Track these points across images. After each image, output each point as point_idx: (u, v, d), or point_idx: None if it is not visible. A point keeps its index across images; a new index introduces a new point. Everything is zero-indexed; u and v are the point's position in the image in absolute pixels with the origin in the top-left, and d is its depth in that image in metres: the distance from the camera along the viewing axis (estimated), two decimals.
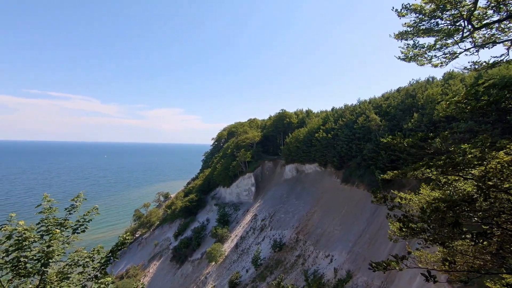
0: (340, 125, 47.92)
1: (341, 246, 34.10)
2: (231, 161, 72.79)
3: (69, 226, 7.70)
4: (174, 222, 73.78)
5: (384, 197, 7.31)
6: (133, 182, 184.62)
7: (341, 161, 45.87)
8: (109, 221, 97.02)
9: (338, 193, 43.10)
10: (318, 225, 40.89)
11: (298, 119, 72.07)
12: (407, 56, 8.68)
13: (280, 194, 55.98)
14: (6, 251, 6.52)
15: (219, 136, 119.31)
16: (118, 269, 65.80)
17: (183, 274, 52.44)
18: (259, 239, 47.21)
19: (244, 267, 43.44)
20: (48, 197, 7.71)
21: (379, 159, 36.37)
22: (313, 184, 51.38)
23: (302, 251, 38.59)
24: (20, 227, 6.69)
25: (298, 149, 56.74)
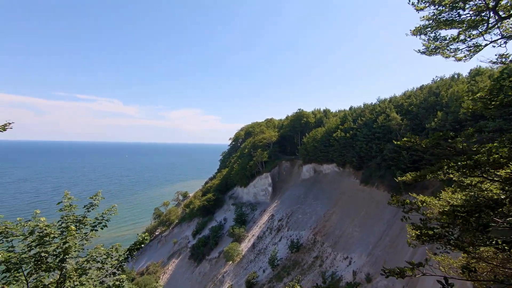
0: (359, 124, 46.72)
1: (361, 249, 33.19)
2: (248, 161, 72.99)
3: (87, 223, 7.94)
4: (192, 221, 75.07)
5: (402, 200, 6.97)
6: (153, 181, 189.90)
7: (360, 161, 44.70)
8: (131, 219, 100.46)
9: (357, 194, 42.02)
10: (337, 227, 40.07)
11: (316, 118, 71.07)
12: (428, 49, 8.14)
13: (297, 195, 55.42)
14: (29, 245, 6.82)
15: (236, 136, 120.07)
16: (139, 265, 67.88)
17: (201, 272, 53.20)
18: (276, 240, 46.98)
19: (261, 267, 43.38)
20: (68, 194, 8.02)
21: (401, 159, 35.07)
22: (331, 184, 50.43)
23: (320, 252, 37.97)
24: (41, 223, 6.98)
25: (316, 149, 55.92)
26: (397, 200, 7.19)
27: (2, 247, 6.93)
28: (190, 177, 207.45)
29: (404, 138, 7.95)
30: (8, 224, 6.93)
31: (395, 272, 5.98)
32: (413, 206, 7.04)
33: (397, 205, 7.20)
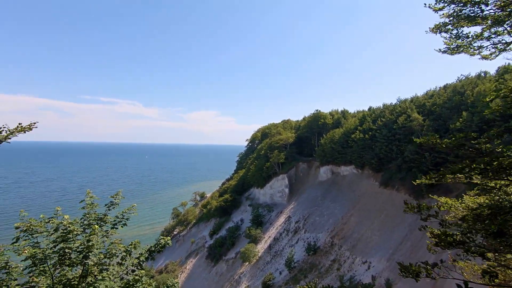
0: (379, 125, 45.54)
1: (380, 253, 32.28)
2: (265, 162, 73.00)
3: (108, 221, 8.27)
4: (210, 221, 76.03)
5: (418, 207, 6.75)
6: (172, 181, 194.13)
7: (380, 163, 43.53)
8: (151, 219, 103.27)
9: (377, 197, 40.94)
10: (355, 230, 39.20)
11: (333, 119, 69.97)
12: (450, 48, 7.75)
13: (314, 196, 54.76)
14: (54, 241, 7.22)
15: (253, 137, 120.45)
16: (157, 264, 69.56)
17: (218, 272, 53.73)
18: (293, 242, 46.63)
19: (277, 269, 43.21)
20: (90, 193, 8.40)
21: (423, 161, 33.82)
22: (349, 186, 49.44)
23: (338, 255, 37.28)
24: (65, 221, 7.37)
25: (333, 151, 55.04)
26: (413, 207, 6.96)
27: (28, 243, 7.39)
28: (207, 178, 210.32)
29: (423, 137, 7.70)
30: (32, 221, 7.31)
31: (411, 271, 5.81)
32: (431, 212, 6.80)
33: (413, 212, 6.97)
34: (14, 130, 6.58)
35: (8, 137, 6.56)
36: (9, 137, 6.58)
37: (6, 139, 6.57)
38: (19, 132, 6.71)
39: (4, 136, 6.48)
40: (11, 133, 6.57)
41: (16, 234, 7.16)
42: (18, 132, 6.70)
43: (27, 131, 6.85)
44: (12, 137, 6.70)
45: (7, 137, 6.55)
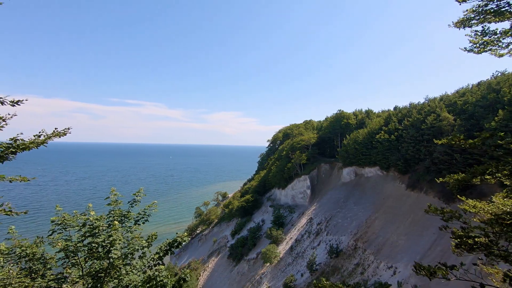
0: (405, 125, 43.84)
1: (407, 258, 31.02)
2: (286, 163, 72.67)
3: (131, 218, 8.73)
4: (231, 221, 76.90)
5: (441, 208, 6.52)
6: (195, 181, 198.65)
7: (407, 164, 41.84)
8: (176, 217, 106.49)
9: (403, 200, 39.39)
10: (380, 233, 37.95)
11: (357, 119, 68.24)
12: (476, 45, 7.30)
13: (337, 198, 53.68)
14: (83, 236, 7.76)
15: (274, 138, 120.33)
16: (181, 261, 71.51)
17: (239, 272, 54.22)
18: (315, 244, 46.01)
19: (299, 270, 42.84)
20: (114, 191, 8.92)
21: (453, 163, 32.10)
22: (373, 188, 47.95)
23: (361, 259, 36.28)
24: (91, 217, 7.92)
25: (357, 152, 53.65)
26: (436, 209, 6.73)
27: (61, 237, 8.00)
28: (229, 178, 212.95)
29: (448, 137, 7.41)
30: (66, 216, 7.93)
31: (426, 269, 5.64)
32: (454, 213, 6.53)
33: (435, 213, 6.74)
34: (51, 135, 7.11)
35: (45, 141, 7.06)
36: (46, 141, 7.07)
37: (44, 143, 7.07)
38: (55, 136, 7.23)
39: (42, 140, 6.97)
40: (48, 138, 7.08)
41: (51, 227, 7.77)
42: (54, 137, 7.22)
43: (61, 136, 7.39)
44: (49, 141, 7.21)
45: (44, 141, 7.04)
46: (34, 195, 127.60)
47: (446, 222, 6.64)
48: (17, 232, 8.37)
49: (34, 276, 7.62)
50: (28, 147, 6.60)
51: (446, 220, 6.63)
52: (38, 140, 6.80)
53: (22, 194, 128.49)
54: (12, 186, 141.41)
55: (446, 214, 6.67)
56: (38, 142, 6.78)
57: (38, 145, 6.86)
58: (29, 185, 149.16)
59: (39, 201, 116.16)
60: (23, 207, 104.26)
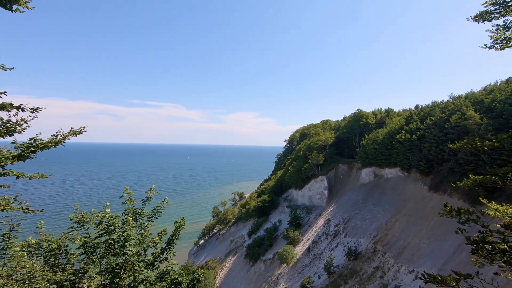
0: (428, 124, 42.20)
1: (430, 263, 29.84)
2: (303, 163, 72.02)
3: (145, 215, 9.00)
4: (248, 221, 77.20)
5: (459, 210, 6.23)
6: (213, 181, 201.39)
7: (429, 165, 40.25)
8: (195, 216, 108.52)
9: (425, 202, 37.92)
10: (400, 236, 36.76)
11: (376, 119, 66.46)
12: (497, 41, 6.79)
13: (355, 199, 52.55)
14: (99, 233, 8.04)
15: (291, 138, 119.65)
16: (199, 260, 72.65)
17: (256, 272, 54.35)
18: (332, 245, 45.29)
19: (316, 272, 42.34)
20: (128, 189, 9.24)
21: (480, 164, 30.51)
22: (394, 190, 46.52)
23: (381, 263, 35.30)
24: (107, 215, 8.22)
25: (376, 152, 52.26)
26: (452, 210, 6.44)
27: (79, 233, 8.35)
28: (245, 178, 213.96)
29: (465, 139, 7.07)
30: (84, 214, 8.28)
31: (436, 279, 5.41)
32: (471, 216, 6.22)
33: (451, 216, 6.45)
34: (68, 134, 7.42)
35: (63, 141, 7.36)
36: (64, 140, 7.38)
37: (61, 142, 7.37)
38: (72, 135, 7.54)
39: (60, 140, 7.27)
40: (65, 137, 7.39)
41: (70, 225, 8.16)
42: (71, 136, 7.52)
43: (78, 135, 7.69)
44: (66, 140, 7.51)
45: (62, 140, 7.33)
46: (61, 193, 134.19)
47: (462, 225, 6.35)
48: (45, 227, 8.88)
49: (56, 270, 8.05)
50: (46, 146, 6.91)
51: (462, 223, 6.34)
52: (56, 140, 7.11)
53: (50, 192, 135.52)
54: (41, 184, 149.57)
55: (463, 216, 6.37)
56: (55, 142, 7.10)
57: (56, 144, 7.16)
58: (57, 184, 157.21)
59: (66, 199, 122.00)
60: (52, 204, 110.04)
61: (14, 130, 6.46)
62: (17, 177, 6.41)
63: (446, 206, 6.73)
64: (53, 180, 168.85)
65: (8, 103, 6.21)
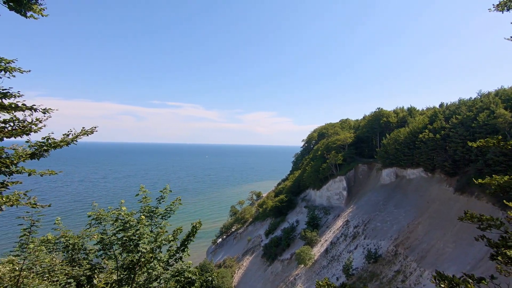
0: (454, 123, 40.31)
1: (455, 268, 28.50)
2: (321, 163, 71.00)
3: (159, 213, 9.18)
4: (265, 221, 77.21)
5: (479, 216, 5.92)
6: (231, 180, 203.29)
7: (455, 166, 38.46)
8: (213, 215, 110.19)
9: (451, 204, 36.26)
10: (424, 240, 35.37)
11: (398, 118, 64.33)
12: None
13: (375, 201, 51.14)
14: (116, 230, 8.32)
15: (309, 138, 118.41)
16: (217, 258, 73.56)
17: (273, 272, 54.28)
18: (351, 247, 44.35)
19: (334, 274, 41.65)
20: (143, 188, 9.43)
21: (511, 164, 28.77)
22: (416, 191, 44.83)
23: (402, 266, 34.14)
24: (123, 212, 8.46)
25: (398, 152, 50.60)
26: (472, 216, 6.13)
27: (97, 230, 8.67)
28: (263, 178, 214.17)
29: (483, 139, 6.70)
30: (101, 211, 8.58)
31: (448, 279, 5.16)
32: (495, 222, 5.88)
33: (472, 222, 6.14)
34: (79, 134, 7.55)
35: (75, 140, 7.50)
36: (76, 139, 7.52)
37: (73, 141, 7.51)
38: (83, 135, 7.68)
39: (72, 139, 7.42)
40: (77, 136, 7.52)
41: (88, 221, 8.50)
42: (83, 135, 7.65)
43: (89, 134, 7.85)
44: (78, 139, 7.62)
45: (74, 140, 7.48)
46: (87, 191, 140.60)
47: (482, 231, 6.04)
48: (62, 223, 9.33)
49: (74, 264, 8.46)
50: (59, 145, 7.13)
51: (483, 229, 6.03)
52: (68, 139, 7.32)
53: (77, 190, 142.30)
54: (69, 182, 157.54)
55: (484, 222, 6.06)
56: (67, 141, 7.30)
57: (68, 143, 7.35)
58: (83, 182, 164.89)
59: (91, 196, 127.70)
60: (78, 201, 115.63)
61: (30, 130, 6.72)
62: (29, 174, 6.66)
63: (467, 213, 6.43)
64: (80, 178, 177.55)
65: (22, 103, 6.52)
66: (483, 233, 6.15)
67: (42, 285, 6.84)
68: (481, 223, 6.09)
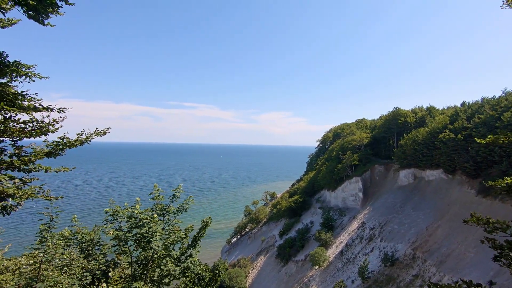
0: (476, 123, 38.71)
1: (477, 273, 27.38)
2: (336, 164, 70.02)
3: (171, 212, 9.41)
4: (279, 221, 77.02)
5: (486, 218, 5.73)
6: (245, 180, 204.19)
7: (477, 167, 36.92)
8: (228, 215, 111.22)
9: (472, 207, 34.79)
10: (443, 243, 34.18)
11: (417, 117, 62.49)
12: None
13: (392, 203, 49.91)
14: (130, 227, 8.60)
15: (324, 138, 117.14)
16: (231, 257, 74.13)
17: (287, 272, 54.10)
18: (367, 250, 43.51)
19: (349, 276, 41.02)
20: (157, 186, 9.71)
21: None
22: (436, 193, 43.38)
23: (421, 270, 33.15)
24: (136, 210, 8.71)
25: (416, 152, 49.14)
26: (479, 219, 5.94)
27: (112, 226, 8.96)
28: (277, 178, 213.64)
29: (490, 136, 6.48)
30: (118, 208, 8.85)
31: None
32: (502, 224, 5.68)
33: (478, 224, 5.95)
34: (92, 134, 7.81)
35: (88, 140, 7.77)
36: (89, 139, 7.78)
37: (87, 141, 7.78)
38: (97, 135, 7.93)
39: (85, 138, 7.70)
40: (90, 136, 7.79)
41: (105, 218, 8.78)
42: (96, 136, 7.91)
43: (102, 135, 8.10)
44: (91, 139, 7.87)
45: (87, 139, 7.75)
46: (107, 190, 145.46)
47: (489, 234, 5.85)
48: (78, 220, 9.78)
49: (90, 259, 8.85)
50: (73, 144, 7.45)
51: (489, 232, 5.84)
52: (81, 139, 7.63)
53: (97, 188, 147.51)
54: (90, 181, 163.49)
55: (491, 225, 5.87)
56: (81, 140, 7.62)
57: (82, 143, 7.67)
58: (103, 181, 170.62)
59: (110, 195, 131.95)
60: (98, 200, 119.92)
61: (48, 130, 7.11)
62: (46, 171, 7.03)
63: (473, 215, 6.25)
64: (100, 178, 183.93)
65: (39, 104, 6.92)
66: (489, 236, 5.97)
67: (60, 277, 7.20)
68: (487, 225, 5.91)
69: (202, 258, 69.75)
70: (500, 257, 5.48)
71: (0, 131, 6.46)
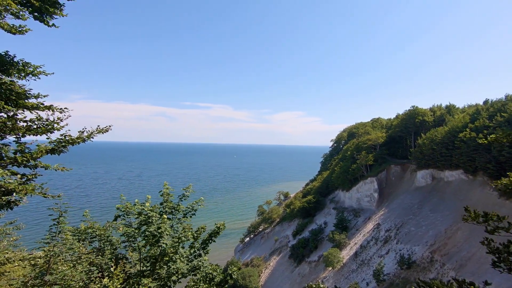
0: (498, 121, 37.09)
1: (499, 279, 26.03)
2: (351, 163, 68.85)
3: (181, 210, 9.43)
4: (293, 221, 76.58)
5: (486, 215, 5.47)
6: (259, 180, 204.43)
7: (500, 168, 35.32)
8: (242, 214, 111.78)
9: (495, 210, 33.14)
10: (463, 247, 32.92)
11: (435, 116, 60.49)
12: None
13: (409, 204, 48.53)
14: (140, 223, 8.66)
15: (338, 138, 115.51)
16: (244, 257, 74.39)
17: (300, 273, 53.74)
18: (382, 252, 42.54)
19: (364, 279, 40.26)
20: (167, 185, 9.75)
21: None
22: (455, 195, 41.84)
23: (439, 274, 32.07)
24: (145, 208, 8.78)
25: (435, 152, 47.58)
26: (477, 215, 5.67)
27: (123, 223, 9.13)
28: (291, 178, 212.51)
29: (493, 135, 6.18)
30: (128, 205, 9.01)
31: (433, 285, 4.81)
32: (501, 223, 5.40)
33: (477, 222, 5.68)
34: (94, 131, 7.87)
35: (90, 137, 7.84)
36: (91, 137, 7.85)
37: (89, 138, 7.84)
38: (98, 133, 7.98)
39: (87, 136, 7.77)
40: (91, 133, 7.85)
41: (116, 214, 8.94)
42: (97, 133, 7.96)
43: (104, 133, 8.14)
44: (93, 137, 7.93)
45: (89, 137, 7.82)
46: (124, 188, 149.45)
47: (490, 234, 5.58)
48: (90, 215, 10.08)
49: (99, 254, 9.10)
50: (76, 141, 7.58)
51: (490, 232, 5.57)
52: (83, 136, 7.73)
53: (115, 187, 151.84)
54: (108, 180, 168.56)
55: (491, 224, 5.59)
56: (83, 138, 7.73)
57: (84, 140, 7.77)
58: (121, 180, 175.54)
59: (126, 193, 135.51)
60: (116, 198, 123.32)
61: (53, 128, 7.30)
62: (46, 168, 7.21)
63: (468, 210, 5.98)
64: (118, 176, 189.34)
65: (40, 103, 7.14)
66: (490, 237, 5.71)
67: (68, 271, 7.46)
68: (488, 224, 5.65)
69: (215, 257, 70.49)
70: (499, 262, 5.24)
71: (7, 129, 6.70)
